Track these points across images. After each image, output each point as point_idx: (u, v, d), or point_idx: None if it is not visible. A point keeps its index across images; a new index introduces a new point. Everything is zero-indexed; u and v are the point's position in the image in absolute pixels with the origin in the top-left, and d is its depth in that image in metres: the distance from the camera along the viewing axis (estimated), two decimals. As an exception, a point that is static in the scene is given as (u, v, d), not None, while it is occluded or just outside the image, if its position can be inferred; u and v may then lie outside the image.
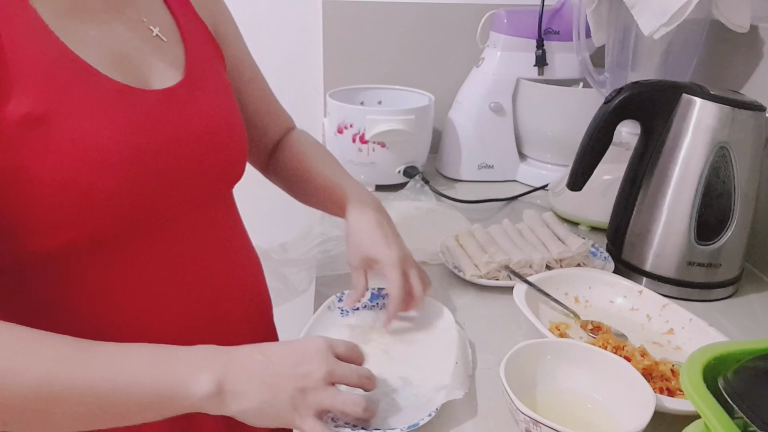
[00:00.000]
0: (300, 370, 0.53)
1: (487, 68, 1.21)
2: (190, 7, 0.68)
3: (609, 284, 0.81)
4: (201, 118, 0.61)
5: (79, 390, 0.47)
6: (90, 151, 0.50)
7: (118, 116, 0.53)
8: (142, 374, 0.50)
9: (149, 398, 0.49)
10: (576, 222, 1.05)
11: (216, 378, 0.51)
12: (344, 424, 0.57)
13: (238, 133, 0.67)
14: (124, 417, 0.51)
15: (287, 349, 0.55)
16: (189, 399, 0.50)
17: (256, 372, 0.52)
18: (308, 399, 0.52)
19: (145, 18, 0.62)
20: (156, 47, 0.61)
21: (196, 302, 0.62)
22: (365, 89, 1.28)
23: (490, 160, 1.24)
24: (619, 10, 1.00)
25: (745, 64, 0.96)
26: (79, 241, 0.53)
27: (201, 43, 0.67)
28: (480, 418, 0.62)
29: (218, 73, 0.68)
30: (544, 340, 0.66)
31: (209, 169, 0.62)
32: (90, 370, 0.48)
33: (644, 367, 0.63)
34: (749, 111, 0.80)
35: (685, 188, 0.82)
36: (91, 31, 0.55)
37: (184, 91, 0.61)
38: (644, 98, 0.84)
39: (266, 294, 0.77)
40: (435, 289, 0.84)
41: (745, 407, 0.43)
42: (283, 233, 0.96)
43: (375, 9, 1.32)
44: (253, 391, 0.51)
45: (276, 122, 0.84)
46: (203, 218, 0.63)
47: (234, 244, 0.69)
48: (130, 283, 0.57)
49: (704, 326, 0.72)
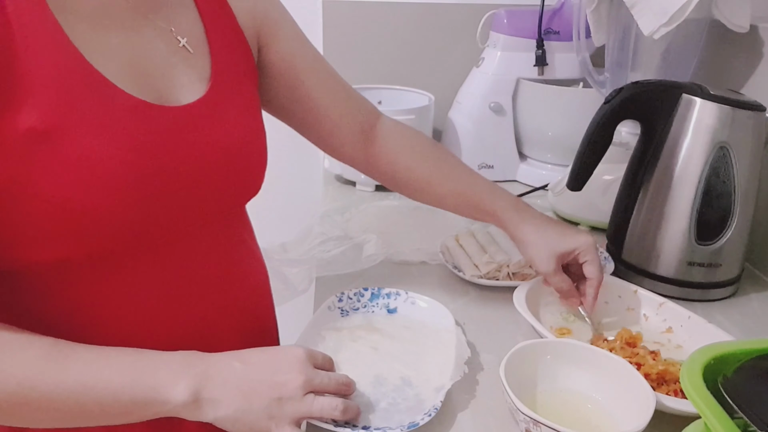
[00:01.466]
0: (278, 379, 0.53)
1: (487, 68, 1.21)
2: (226, 10, 0.64)
3: (603, 285, 0.80)
4: (218, 138, 0.58)
5: (56, 394, 0.48)
6: (94, 171, 0.48)
7: (128, 135, 0.51)
8: (118, 381, 0.50)
9: (125, 404, 0.50)
10: (576, 222, 1.05)
11: (193, 386, 0.51)
12: (344, 423, 0.57)
13: (256, 154, 0.64)
14: (103, 419, 0.52)
15: (266, 357, 0.56)
16: (166, 405, 0.51)
17: (232, 380, 0.53)
18: (285, 408, 0.53)
19: (173, 27, 0.58)
20: (181, 59, 0.58)
21: (195, 318, 0.60)
22: (365, 89, 1.28)
23: (490, 160, 1.24)
24: (619, 10, 1.00)
25: (745, 64, 0.96)
26: (75, 256, 0.51)
27: (231, 55, 0.63)
28: (480, 418, 0.62)
29: (245, 88, 0.64)
30: (544, 340, 0.67)
31: (221, 190, 0.60)
32: (66, 376, 0.49)
33: (658, 372, 0.62)
34: (749, 111, 0.80)
35: (685, 188, 0.82)
36: (113, 39, 0.52)
37: (204, 109, 0.58)
38: (644, 98, 0.84)
39: (270, 310, 0.75)
40: (435, 289, 0.84)
41: (745, 407, 0.43)
42: (283, 233, 0.96)
43: (375, 9, 1.32)
44: (228, 399, 0.52)
45: (354, 114, 0.76)
46: (209, 235, 0.61)
47: (241, 257, 0.66)
48: (125, 299, 0.56)
49: (703, 323, 0.72)
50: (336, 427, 0.57)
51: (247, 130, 0.63)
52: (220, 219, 0.62)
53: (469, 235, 0.93)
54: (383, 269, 0.89)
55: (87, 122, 0.48)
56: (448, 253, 0.90)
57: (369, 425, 0.58)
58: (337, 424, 0.57)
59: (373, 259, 0.89)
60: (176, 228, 0.57)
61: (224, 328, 0.64)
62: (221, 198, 0.61)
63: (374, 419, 0.59)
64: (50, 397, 0.48)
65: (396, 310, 0.77)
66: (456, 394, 0.64)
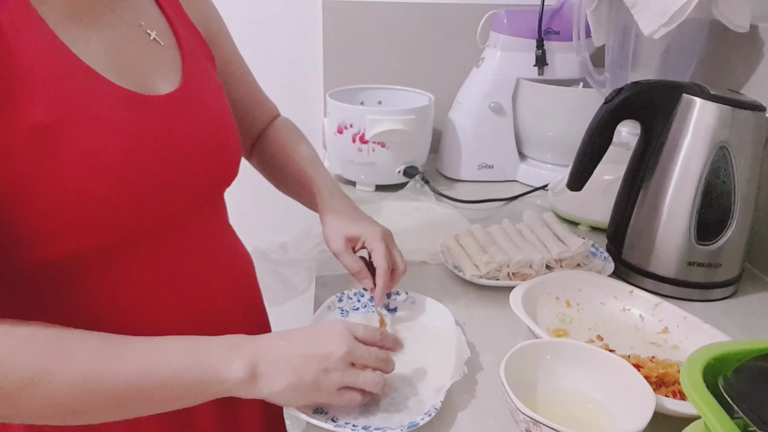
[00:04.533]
0: (322, 351, 0.56)
1: (487, 68, 1.21)
2: (181, 9, 0.68)
3: (598, 286, 0.81)
4: (200, 123, 0.61)
5: (120, 382, 0.50)
6: (98, 161, 0.50)
7: (126, 124, 0.53)
8: (178, 363, 0.52)
9: (187, 385, 0.52)
10: (576, 222, 1.05)
11: (247, 364, 0.54)
12: (344, 423, 0.58)
13: (233, 135, 0.68)
14: (162, 405, 0.53)
15: (308, 333, 0.59)
16: (224, 384, 0.53)
17: (281, 357, 0.56)
18: (331, 378, 0.56)
19: (142, 21, 0.61)
20: (154, 51, 0.61)
21: (196, 305, 0.63)
22: (365, 89, 1.28)
23: (490, 160, 1.24)
24: (619, 10, 1.00)
25: (745, 64, 0.96)
26: (84, 250, 0.53)
27: (194, 46, 0.67)
28: (480, 418, 0.62)
29: (211, 75, 0.68)
30: (543, 339, 0.66)
31: (208, 172, 0.63)
32: (129, 363, 0.51)
33: (658, 375, 0.62)
34: (749, 111, 0.80)
35: (685, 188, 0.82)
36: (92, 35, 0.54)
37: (183, 96, 0.61)
38: (644, 98, 0.84)
39: (258, 290, 0.78)
40: (435, 289, 0.84)
41: (745, 407, 0.43)
42: (283, 233, 0.96)
43: (375, 9, 1.32)
44: (280, 375, 0.55)
45: (262, 112, 0.86)
46: (199, 222, 0.64)
47: (227, 245, 0.70)
48: (132, 288, 0.57)
49: (699, 323, 0.72)
50: (336, 427, 0.57)
51: (223, 114, 0.66)
52: (209, 202, 0.66)
53: (469, 235, 0.93)
54: (383, 269, 0.89)
55: (86, 115, 0.50)
56: (448, 253, 0.90)
57: (369, 425, 0.58)
58: (337, 424, 0.57)
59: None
60: (173, 213, 0.59)
61: (226, 308, 0.67)
62: (209, 181, 0.64)
63: (374, 419, 0.59)
64: (115, 386, 0.50)
65: (396, 310, 0.77)
66: (456, 394, 0.64)
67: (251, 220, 0.77)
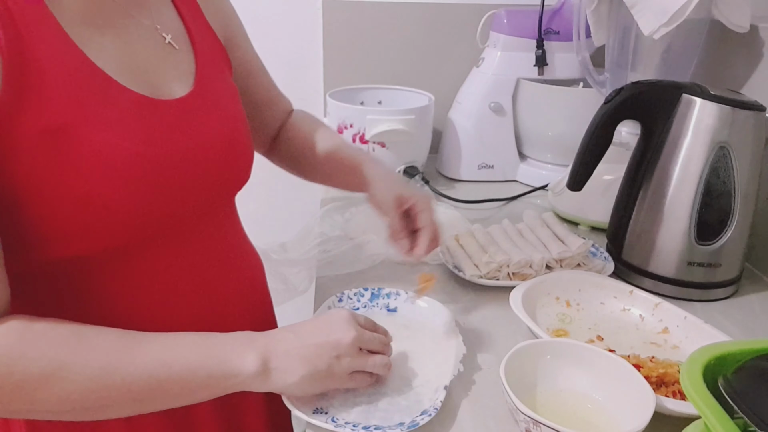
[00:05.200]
0: (332, 339, 0.58)
1: (487, 68, 1.21)
2: (199, 12, 0.68)
3: (598, 286, 0.81)
4: (212, 127, 0.61)
5: (137, 375, 0.51)
6: (110, 164, 0.50)
7: (138, 128, 0.53)
8: (194, 357, 0.53)
9: (202, 379, 0.53)
10: (576, 222, 1.05)
11: (260, 357, 0.55)
12: (344, 423, 0.58)
13: (245, 139, 0.67)
14: (178, 399, 0.54)
15: (315, 324, 0.61)
16: (238, 377, 0.55)
17: (292, 349, 0.57)
18: (343, 363, 0.58)
19: (158, 25, 0.61)
20: (169, 55, 0.61)
21: (207, 305, 0.63)
22: (365, 89, 1.28)
23: (490, 160, 1.24)
24: (619, 10, 1.00)
25: (745, 64, 0.96)
26: (92, 252, 0.53)
27: (209, 49, 0.67)
28: (480, 418, 0.62)
29: (226, 78, 0.68)
30: (543, 339, 0.66)
31: (220, 176, 0.62)
32: (145, 356, 0.52)
33: (658, 375, 0.62)
34: (749, 111, 0.80)
35: (685, 188, 0.82)
36: (106, 38, 0.54)
37: (196, 100, 0.61)
38: (644, 98, 0.84)
39: (267, 292, 0.79)
40: (435, 289, 0.84)
41: (745, 407, 0.43)
42: (283, 233, 0.96)
43: (375, 9, 1.31)
44: (293, 367, 0.56)
45: (280, 107, 0.86)
46: (210, 224, 0.64)
47: (237, 247, 0.70)
48: (144, 288, 0.58)
49: (700, 323, 0.72)
50: (336, 427, 0.57)
51: (236, 117, 0.66)
52: (221, 205, 0.66)
53: (469, 235, 0.93)
54: (383, 269, 0.89)
55: (98, 117, 0.50)
56: (448, 253, 0.90)
57: (369, 425, 0.58)
58: (337, 424, 0.57)
59: (373, 259, 0.90)
60: (185, 216, 0.59)
61: (237, 309, 0.67)
62: (221, 185, 0.64)
63: (374, 419, 0.59)
64: (132, 380, 0.50)
65: (396, 310, 0.78)
66: (456, 394, 0.64)
67: (251, 220, 0.77)
